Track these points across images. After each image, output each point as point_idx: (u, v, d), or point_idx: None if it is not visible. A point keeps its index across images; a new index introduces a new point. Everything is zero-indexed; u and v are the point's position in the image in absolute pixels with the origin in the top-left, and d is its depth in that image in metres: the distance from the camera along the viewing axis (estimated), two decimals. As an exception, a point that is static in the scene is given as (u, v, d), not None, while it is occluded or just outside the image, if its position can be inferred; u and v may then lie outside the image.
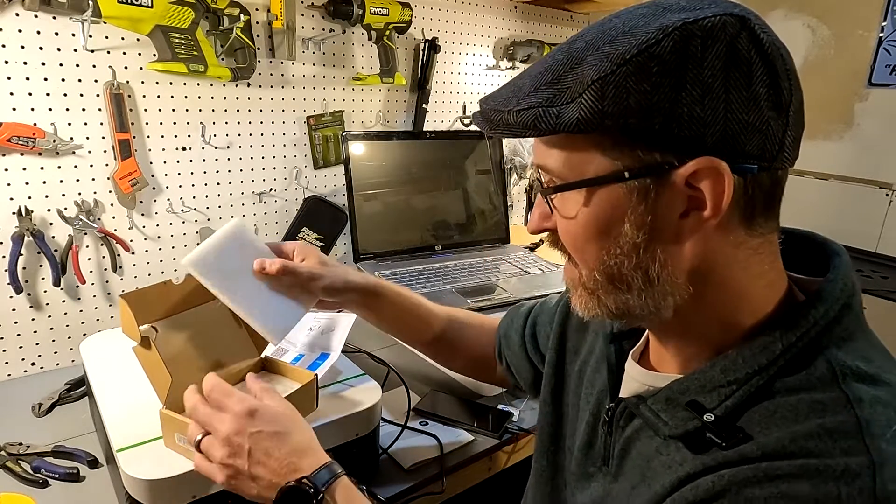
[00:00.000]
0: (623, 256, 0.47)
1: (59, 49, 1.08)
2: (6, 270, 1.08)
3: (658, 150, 0.44)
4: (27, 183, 1.10)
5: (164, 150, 1.25)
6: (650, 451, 0.53)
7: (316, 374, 0.82)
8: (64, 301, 1.19)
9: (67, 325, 1.20)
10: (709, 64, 0.41)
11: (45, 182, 1.12)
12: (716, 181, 0.43)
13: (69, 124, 1.12)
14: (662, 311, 0.49)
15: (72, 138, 1.13)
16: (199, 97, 1.27)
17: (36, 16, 1.05)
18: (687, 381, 0.51)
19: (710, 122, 0.42)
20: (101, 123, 1.15)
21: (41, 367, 1.19)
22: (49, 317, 1.18)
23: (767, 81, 0.43)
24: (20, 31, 1.04)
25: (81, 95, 1.12)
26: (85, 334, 1.16)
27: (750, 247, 0.48)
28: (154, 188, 1.25)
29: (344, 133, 1.35)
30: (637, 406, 0.54)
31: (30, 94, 1.07)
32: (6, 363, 1.15)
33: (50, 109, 1.10)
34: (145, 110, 1.21)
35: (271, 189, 1.43)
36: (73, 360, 1.21)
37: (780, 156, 0.45)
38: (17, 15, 1.04)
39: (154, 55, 1.16)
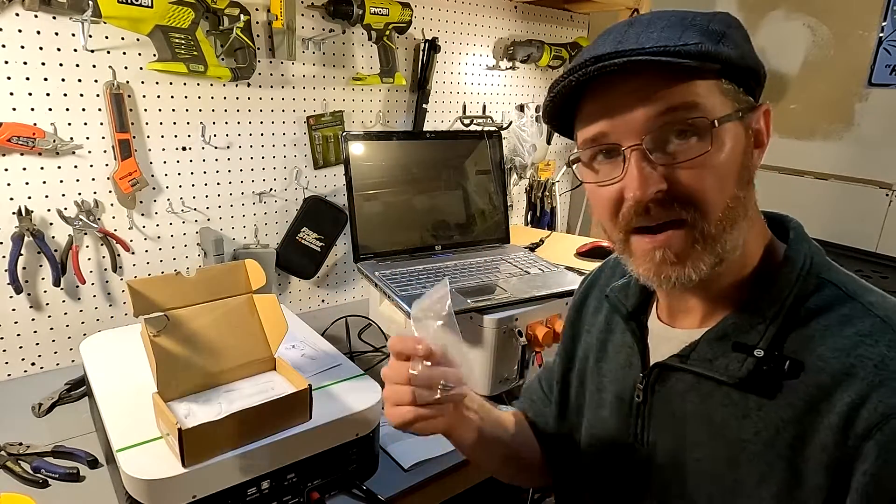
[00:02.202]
0: (744, 191, 0.54)
1: (59, 49, 1.08)
2: (6, 270, 1.08)
3: (749, 94, 0.54)
4: (27, 183, 1.10)
5: (164, 150, 1.25)
6: (711, 405, 0.57)
7: (309, 385, 0.82)
8: (64, 301, 1.19)
9: (67, 325, 1.20)
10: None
11: (45, 182, 1.12)
12: (767, 119, 0.55)
13: (69, 124, 1.12)
14: (738, 249, 0.56)
15: (72, 138, 1.13)
16: (199, 97, 1.27)
17: (36, 16, 1.05)
18: (722, 326, 0.57)
19: (761, 68, 0.54)
20: (101, 123, 1.15)
21: (41, 367, 1.19)
22: (49, 317, 1.18)
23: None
24: (20, 31, 1.04)
25: (81, 95, 1.12)
26: (85, 334, 1.16)
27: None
28: (154, 188, 1.25)
29: (344, 133, 1.35)
30: (683, 362, 0.58)
31: (30, 94, 1.07)
32: (6, 363, 1.15)
33: (50, 109, 1.10)
34: (145, 110, 1.21)
35: (271, 189, 1.43)
36: (73, 360, 1.21)
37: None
38: (17, 15, 1.04)
39: (154, 55, 1.16)
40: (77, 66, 1.11)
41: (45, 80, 1.08)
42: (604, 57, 0.51)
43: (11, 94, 1.05)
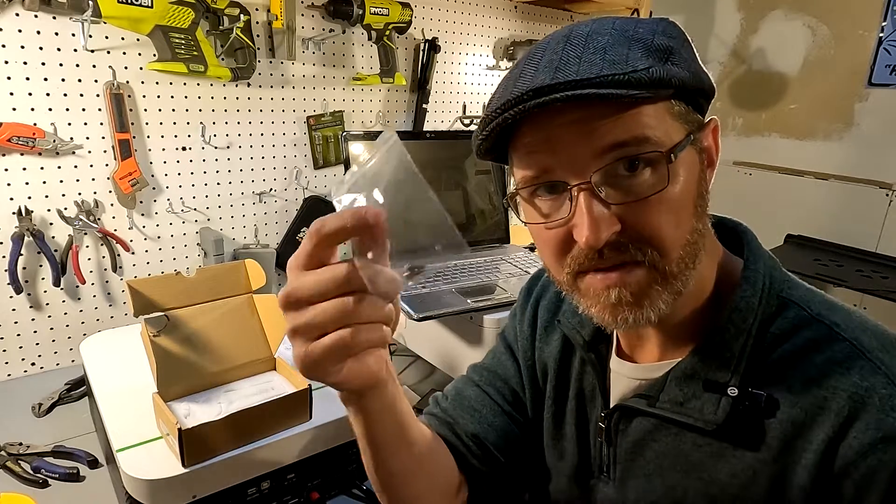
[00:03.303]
0: (703, 221, 0.50)
1: (59, 49, 1.08)
2: (6, 270, 1.08)
3: (697, 111, 0.50)
4: (27, 183, 1.10)
5: (164, 150, 1.25)
6: (684, 447, 0.53)
7: (310, 385, 0.82)
8: (64, 301, 1.19)
9: (67, 325, 1.20)
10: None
11: (45, 182, 1.12)
12: (716, 132, 0.50)
13: (69, 124, 1.12)
14: (695, 278, 0.51)
15: (72, 138, 1.13)
16: (199, 97, 1.27)
17: (36, 16, 1.05)
18: (689, 362, 0.53)
19: (709, 82, 0.49)
20: (101, 123, 1.15)
21: (41, 367, 1.19)
22: (49, 317, 1.18)
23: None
24: (20, 31, 1.04)
25: (81, 95, 1.12)
26: (85, 334, 1.16)
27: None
28: (154, 188, 1.25)
29: (344, 133, 1.35)
30: (651, 406, 0.54)
31: (30, 94, 1.07)
32: (6, 363, 1.15)
33: (50, 109, 1.10)
34: (145, 110, 1.20)
35: (271, 189, 1.42)
36: (73, 360, 1.21)
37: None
38: (17, 15, 1.04)
39: (154, 55, 1.16)
40: (77, 66, 1.11)
41: (45, 80, 1.08)
42: (543, 90, 0.44)
43: (11, 94, 1.05)
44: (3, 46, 1.03)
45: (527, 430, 0.71)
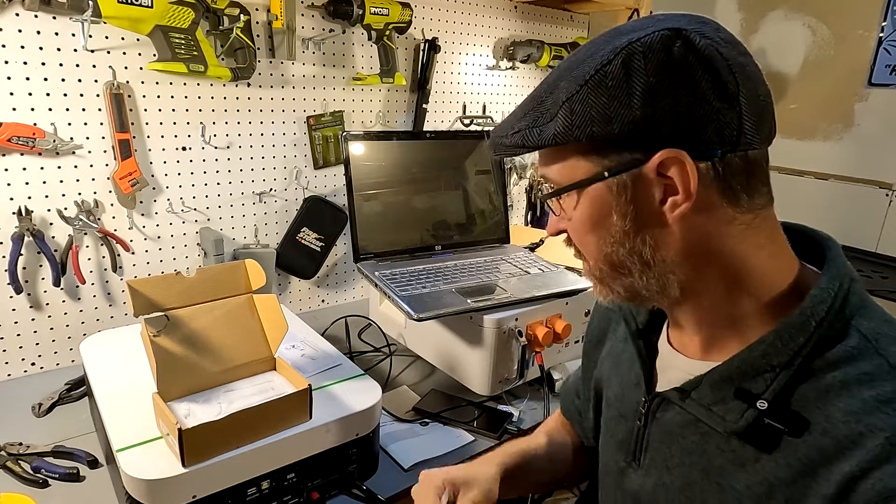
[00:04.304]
0: (617, 244, 0.54)
1: (59, 49, 1.08)
2: (6, 270, 1.08)
3: (626, 150, 0.51)
4: (27, 183, 1.10)
5: (164, 150, 1.25)
6: (709, 448, 0.55)
7: (310, 385, 0.82)
8: (64, 301, 1.19)
9: (67, 325, 1.20)
10: (652, 72, 0.48)
11: (45, 182, 1.12)
12: (681, 169, 0.49)
13: (69, 124, 1.12)
14: (668, 288, 0.55)
15: (72, 138, 1.13)
16: (199, 97, 1.27)
17: (36, 16, 1.05)
18: (727, 368, 0.54)
19: (662, 119, 0.48)
20: (101, 123, 1.15)
21: (41, 367, 1.19)
22: (49, 317, 1.18)
23: (709, 78, 0.48)
24: (20, 31, 1.04)
25: (81, 95, 1.12)
26: (85, 334, 1.16)
27: (742, 222, 0.52)
28: (154, 188, 1.25)
29: (344, 133, 1.35)
30: (682, 400, 0.57)
31: (30, 94, 1.07)
32: (6, 363, 1.15)
33: (50, 109, 1.10)
34: (145, 110, 1.21)
35: (271, 189, 1.43)
36: (73, 360, 1.21)
37: (742, 139, 0.49)
38: (17, 15, 1.04)
39: (154, 55, 1.16)
40: (77, 66, 1.11)
41: (45, 80, 1.08)
42: (490, 138, 0.60)
43: (11, 94, 1.05)
44: (3, 46, 1.03)
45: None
